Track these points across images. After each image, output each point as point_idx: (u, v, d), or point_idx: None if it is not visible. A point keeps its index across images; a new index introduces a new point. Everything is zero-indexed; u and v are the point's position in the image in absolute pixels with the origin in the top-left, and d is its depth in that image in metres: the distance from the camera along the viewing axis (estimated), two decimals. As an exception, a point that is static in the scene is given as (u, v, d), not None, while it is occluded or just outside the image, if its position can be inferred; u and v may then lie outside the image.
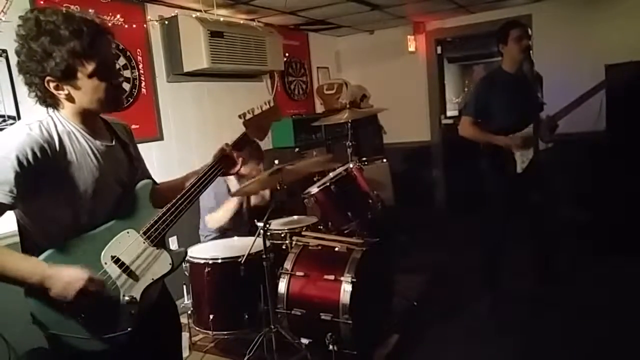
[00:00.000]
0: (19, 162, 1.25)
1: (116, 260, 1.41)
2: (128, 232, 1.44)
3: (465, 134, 3.19)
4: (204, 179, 1.58)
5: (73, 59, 1.30)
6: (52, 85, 1.33)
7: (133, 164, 1.56)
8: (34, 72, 1.31)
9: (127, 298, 1.41)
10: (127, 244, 1.43)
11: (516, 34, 3.06)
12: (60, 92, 1.34)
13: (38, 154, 1.28)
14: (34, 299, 1.32)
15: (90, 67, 1.33)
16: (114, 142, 1.50)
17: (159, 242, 1.48)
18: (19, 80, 2.89)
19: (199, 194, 1.56)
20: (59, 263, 1.32)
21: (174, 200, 1.50)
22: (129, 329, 1.40)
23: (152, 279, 1.47)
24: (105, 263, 1.39)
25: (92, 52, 1.32)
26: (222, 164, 1.65)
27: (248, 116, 1.72)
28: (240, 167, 1.70)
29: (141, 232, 1.45)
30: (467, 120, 3.18)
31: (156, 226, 1.46)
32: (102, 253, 1.40)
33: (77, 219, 1.38)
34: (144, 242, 1.45)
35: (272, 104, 1.77)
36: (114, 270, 1.40)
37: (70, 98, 1.36)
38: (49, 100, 1.37)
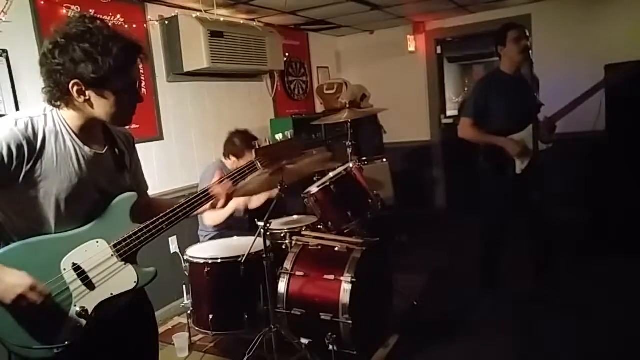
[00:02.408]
0: None
1: (77, 268, 1.37)
2: (97, 242, 1.40)
3: (465, 136, 3.19)
4: (191, 204, 1.55)
5: (111, 71, 1.31)
6: (76, 88, 1.32)
7: (122, 174, 1.53)
8: (64, 71, 1.30)
9: (77, 309, 1.35)
10: (92, 254, 1.39)
11: (514, 35, 3.07)
12: (81, 97, 1.34)
13: (14, 151, 1.27)
14: None
15: (121, 84, 1.35)
16: (104, 150, 1.48)
17: (129, 258, 1.43)
18: (19, 79, 2.90)
19: (182, 218, 1.52)
20: (14, 261, 1.29)
21: (154, 219, 1.46)
22: (66, 342, 1.33)
23: (111, 294, 1.41)
24: (64, 269, 1.36)
25: (128, 71, 1.37)
26: (213, 193, 1.61)
27: (263, 144, 1.67)
28: (227, 201, 1.65)
29: (112, 244, 1.41)
30: (466, 122, 3.18)
31: (128, 241, 1.42)
32: (64, 258, 1.36)
33: (47, 220, 1.36)
34: (112, 255, 1.41)
35: (290, 136, 1.69)
36: (70, 278, 1.36)
37: (89, 104, 1.35)
38: (60, 101, 1.36)
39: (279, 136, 1.69)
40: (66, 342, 1.33)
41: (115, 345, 1.50)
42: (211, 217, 3.19)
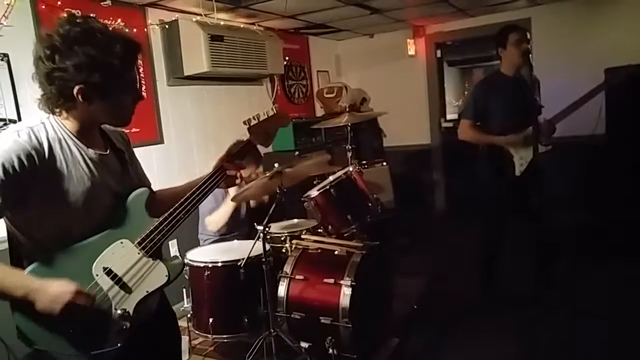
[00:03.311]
0: (4, 170, 1.22)
1: (108, 272, 1.36)
2: (122, 243, 1.39)
3: (465, 137, 3.20)
4: (203, 188, 1.53)
5: (116, 72, 1.30)
6: (81, 94, 1.29)
7: (128, 173, 1.52)
8: (68, 76, 1.26)
9: (119, 312, 1.35)
10: (120, 255, 1.38)
11: (515, 37, 3.07)
12: (85, 101, 1.31)
13: (25, 161, 1.24)
14: (19, 312, 1.29)
15: (124, 83, 1.35)
16: (108, 151, 1.47)
17: (155, 253, 1.43)
18: (20, 83, 2.90)
19: (197, 204, 1.50)
20: (47, 275, 1.28)
21: (171, 210, 1.45)
22: (119, 344, 1.33)
23: (147, 291, 1.41)
24: (97, 275, 1.35)
25: (131, 69, 1.36)
26: (223, 173, 1.59)
27: (253, 122, 1.66)
28: (241, 177, 1.65)
29: (135, 242, 1.40)
30: (465, 123, 3.19)
31: (151, 236, 1.42)
32: (94, 264, 1.35)
33: (68, 229, 1.34)
34: (139, 253, 1.40)
35: (276, 111, 1.72)
36: (105, 282, 1.35)
37: (94, 108, 1.33)
38: (61, 107, 1.33)
39: (265, 111, 1.71)
40: (118, 345, 1.33)
41: (144, 351, 1.49)
42: (213, 221, 3.19)
